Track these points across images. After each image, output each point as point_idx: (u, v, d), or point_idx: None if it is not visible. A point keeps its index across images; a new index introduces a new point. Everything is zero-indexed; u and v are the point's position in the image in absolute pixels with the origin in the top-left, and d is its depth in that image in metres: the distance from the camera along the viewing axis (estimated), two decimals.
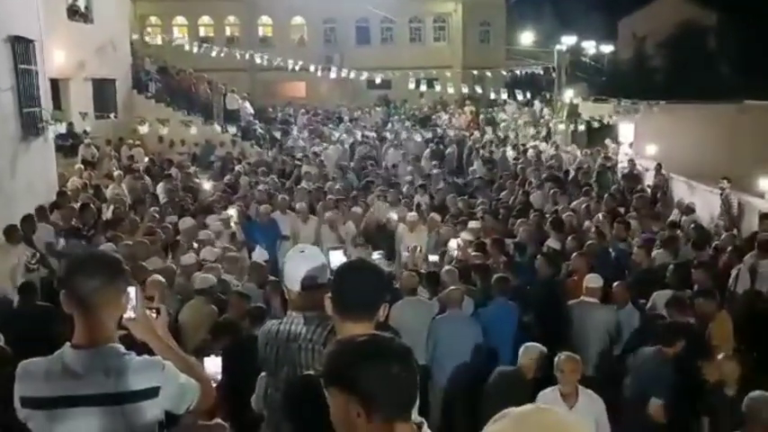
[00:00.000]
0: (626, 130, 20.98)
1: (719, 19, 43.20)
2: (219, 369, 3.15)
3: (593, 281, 7.19)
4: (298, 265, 2.86)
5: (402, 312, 6.56)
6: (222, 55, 23.75)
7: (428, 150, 19.59)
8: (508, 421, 1.26)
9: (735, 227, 11.77)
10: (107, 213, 11.04)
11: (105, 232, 8.96)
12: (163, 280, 6.38)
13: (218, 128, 22.47)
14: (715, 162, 14.86)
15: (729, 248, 9.28)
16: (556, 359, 5.14)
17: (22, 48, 11.11)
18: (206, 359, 3.15)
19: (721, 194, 12.67)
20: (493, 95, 25.59)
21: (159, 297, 5.87)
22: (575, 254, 8.44)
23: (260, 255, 7.65)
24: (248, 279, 7.25)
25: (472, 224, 10.30)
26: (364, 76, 25.00)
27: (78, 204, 10.76)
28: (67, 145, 17.64)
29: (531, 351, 5.64)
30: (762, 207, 11.71)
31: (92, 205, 10.74)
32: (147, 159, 17.89)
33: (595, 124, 21.32)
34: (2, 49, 10.70)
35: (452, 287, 6.86)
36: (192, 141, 20.79)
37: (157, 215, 10.28)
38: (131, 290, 2.37)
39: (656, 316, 6.90)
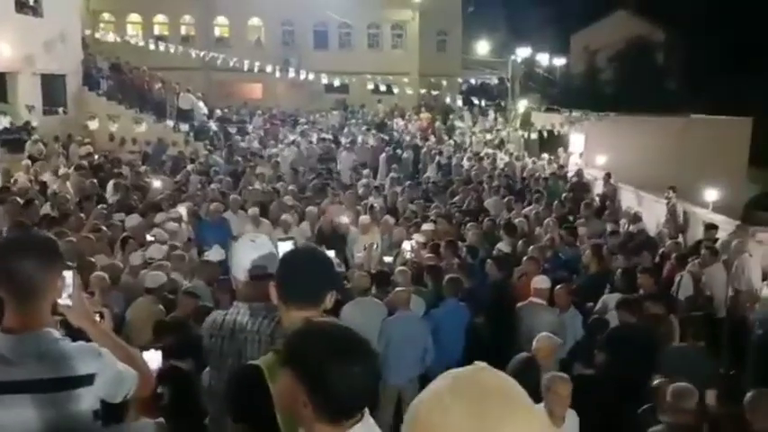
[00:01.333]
0: (577, 140, 21.37)
1: (667, 36, 44.41)
2: (159, 362, 3.05)
3: (540, 282, 7.27)
4: (246, 253, 2.79)
5: (353, 312, 6.50)
6: (177, 54, 23.33)
7: (384, 154, 19.59)
8: (450, 379, 1.23)
9: (680, 235, 12.06)
10: (51, 210, 10.69)
11: (50, 228, 8.66)
12: (105, 276, 6.21)
13: (170, 127, 22.08)
14: (662, 173, 15.23)
15: (674, 256, 9.49)
16: (545, 380, 4.81)
17: None
18: (145, 353, 3.04)
19: (667, 204, 12.95)
20: (448, 102, 25.80)
21: (99, 294, 5.72)
22: (525, 257, 8.52)
23: (216, 253, 7.46)
24: (197, 277, 7.09)
25: (425, 227, 10.34)
26: (323, 79, 24.91)
27: (23, 201, 10.39)
28: (13, 140, 17.11)
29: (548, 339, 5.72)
30: (706, 217, 12.02)
31: (36, 201, 10.41)
32: (96, 157, 17.44)
33: (547, 134, 21.63)
34: None
35: (399, 288, 6.83)
36: (143, 140, 20.36)
37: (105, 213, 10.00)
38: (68, 274, 2.26)
39: (598, 320, 6.99)
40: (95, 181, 12.81)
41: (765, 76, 30.14)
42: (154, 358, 3.05)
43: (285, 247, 2.94)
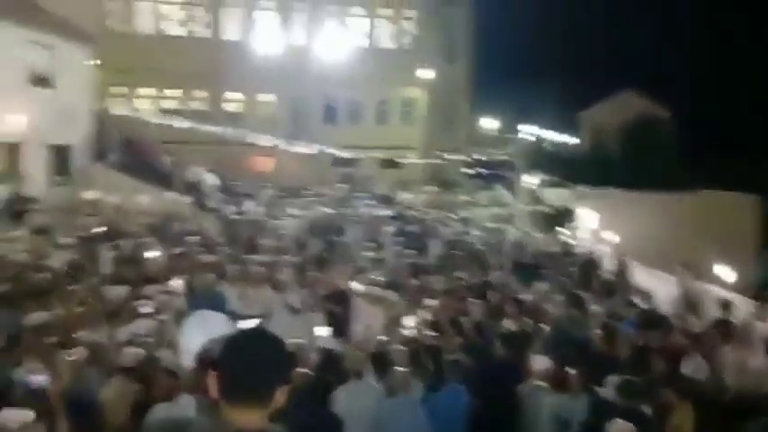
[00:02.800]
0: (585, 216, 21.10)
1: (673, 114, 44.88)
2: None
3: (539, 362, 6.78)
4: (194, 335, 2.37)
5: (346, 396, 6.05)
6: (188, 128, 23.45)
7: (390, 227, 19.32)
8: None
9: (692, 313, 11.55)
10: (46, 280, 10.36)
11: (38, 300, 8.32)
12: (71, 359, 5.79)
13: (177, 199, 21.98)
14: (671, 249, 14.85)
15: (685, 334, 8.98)
16: None
17: None
18: None
19: (679, 281, 12.51)
20: (455, 177, 25.75)
21: (67, 375, 5.31)
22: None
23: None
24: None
25: (427, 302, 9.89)
26: (331, 153, 24.97)
27: (12, 273, 10.08)
28: (17, 211, 16.97)
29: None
30: (719, 294, 11.55)
31: (28, 273, 10.09)
32: (99, 228, 17.22)
33: (555, 209, 21.40)
34: None
35: (398, 369, 6.38)
36: (149, 212, 20.19)
37: (97, 285, 9.66)
38: None
39: (605, 402, 6.46)
40: (92, 251, 12.51)
41: None
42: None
43: (247, 326, 2.55)
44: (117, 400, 5.54)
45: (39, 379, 5.10)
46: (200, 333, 2.36)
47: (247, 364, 1.96)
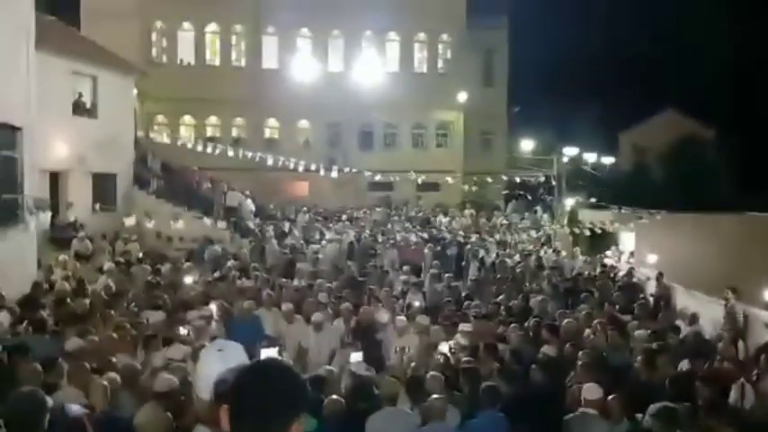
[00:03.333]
0: (627, 239, 20.69)
1: (717, 134, 43.94)
2: None
3: (591, 391, 6.57)
4: (211, 365, 2.30)
5: (381, 423, 5.94)
6: (228, 154, 23.74)
7: (427, 251, 19.22)
8: None
9: (740, 339, 11.15)
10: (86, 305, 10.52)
11: (74, 326, 8.42)
12: (116, 378, 5.83)
13: (217, 225, 22.25)
14: (715, 273, 14.43)
15: (732, 360, 8.65)
16: None
17: (6, 135, 10.94)
18: None
19: (726, 305, 12.13)
20: (493, 200, 25.57)
21: (101, 400, 5.33)
22: (579, 363, 7.80)
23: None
24: None
25: (463, 327, 9.74)
26: (366, 177, 24.99)
27: (55, 299, 10.28)
28: (61, 237, 17.35)
29: None
30: (766, 319, 11.15)
31: (69, 298, 10.26)
32: (139, 254, 17.50)
33: (597, 231, 21.02)
34: None
35: (435, 396, 6.25)
36: (190, 238, 20.47)
37: (134, 310, 9.77)
38: None
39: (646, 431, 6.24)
40: (132, 276, 12.69)
41: None
42: None
43: (269, 355, 2.49)
44: (149, 425, 5.55)
45: (75, 408, 5.13)
46: (219, 363, 2.30)
47: (257, 396, 1.88)
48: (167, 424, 5.33)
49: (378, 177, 25.28)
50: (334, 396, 6.16)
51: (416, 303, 11.58)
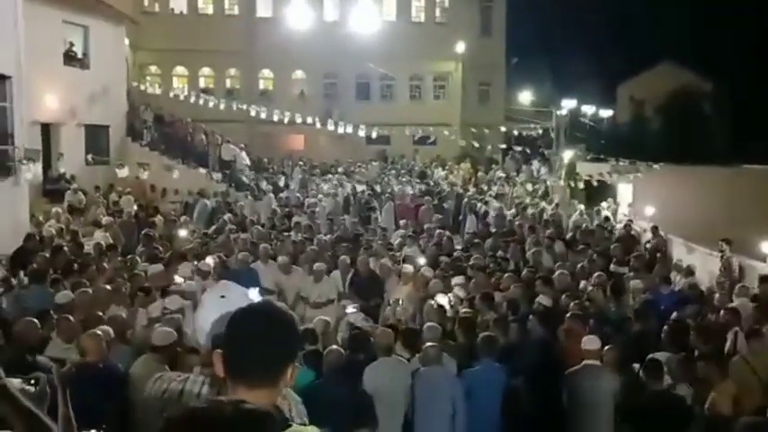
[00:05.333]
0: (624, 191, 20.64)
1: (714, 86, 43.62)
2: None
3: (591, 342, 6.56)
4: (212, 312, 2.25)
5: (377, 374, 5.96)
6: (221, 106, 23.43)
7: (425, 204, 19.14)
8: None
9: (734, 289, 11.20)
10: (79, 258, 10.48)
11: (67, 278, 8.40)
12: (109, 331, 5.81)
13: (212, 177, 22.11)
14: (711, 225, 14.45)
15: (726, 310, 8.67)
16: None
17: None
18: None
19: (721, 257, 12.16)
20: (490, 153, 25.40)
21: (96, 351, 5.31)
22: (568, 314, 7.82)
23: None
24: None
25: (456, 280, 9.75)
26: (363, 131, 24.73)
27: (51, 249, 10.22)
28: (54, 189, 17.22)
29: None
30: (762, 270, 11.19)
31: (65, 249, 10.20)
32: (135, 207, 17.39)
33: (594, 183, 20.96)
34: None
35: (429, 344, 6.26)
36: (185, 191, 20.32)
37: (128, 263, 9.74)
38: None
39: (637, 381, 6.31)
40: (128, 230, 12.63)
41: None
42: None
43: (256, 301, 2.42)
44: (146, 376, 5.54)
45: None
46: (218, 310, 2.24)
47: (250, 341, 1.84)
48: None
49: (373, 133, 25.01)
50: (334, 347, 6.17)
51: (414, 256, 11.55)
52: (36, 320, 5.94)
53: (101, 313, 6.92)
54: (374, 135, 25.34)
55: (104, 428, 3.40)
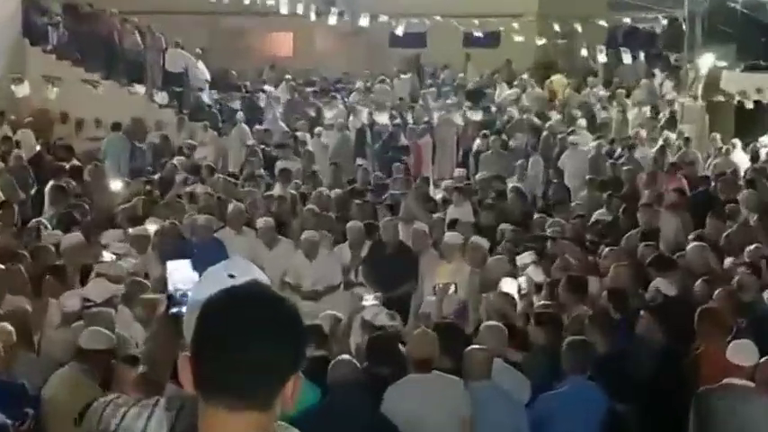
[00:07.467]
0: None
1: None
2: None
3: (740, 351, 6.65)
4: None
5: (405, 396, 6.12)
6: None
7: (480, 140, 19.25)
8: None
9: None
10: None
11: None
12: (11, 332, 6.03)
13: (153, 100, 22.28)
14: None
15: None
16: None
17: None
18: None
19: None
20: (585, 60, 25.20)
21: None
22: (703, 309, 7.90)
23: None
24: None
25: (525, 257, 9.86)
26: (385, 24, 24.75)
27: None
28: None
29: None
30: None
31: None
32: (37, 146, 17.66)
33: (749, 105, 20.90)
34: None
35: (474, 347, 6.51)
36: (110, 121, 20.48)
37: (30, 230, 10.01)
38: None
39: None
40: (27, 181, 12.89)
41: None
42: None
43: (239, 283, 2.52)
44: (67, 401, 5.77)
45: None
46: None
47: (234, 340, 1.76)
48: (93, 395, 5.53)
49: (400, 30, 24.93)
50: (346, 356, 6.34)
51: (464, 219, 11.71)
52: None
53: None
54: (402, 31, 25.30)
55: None
